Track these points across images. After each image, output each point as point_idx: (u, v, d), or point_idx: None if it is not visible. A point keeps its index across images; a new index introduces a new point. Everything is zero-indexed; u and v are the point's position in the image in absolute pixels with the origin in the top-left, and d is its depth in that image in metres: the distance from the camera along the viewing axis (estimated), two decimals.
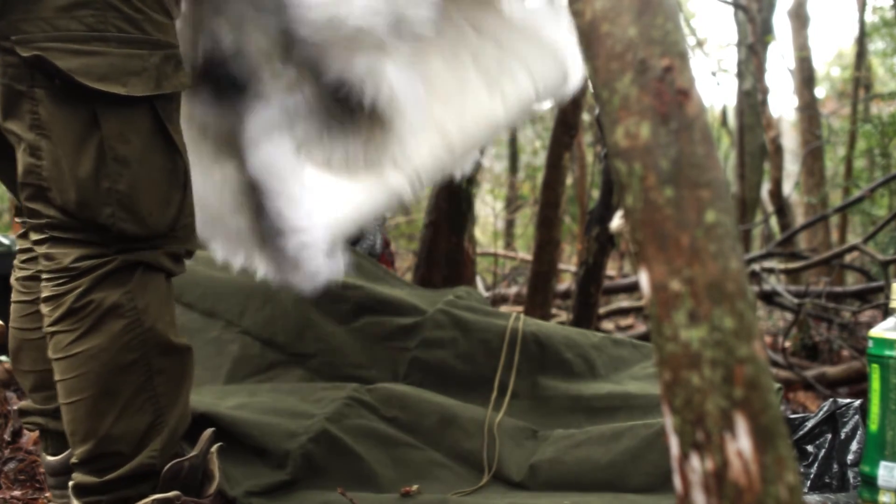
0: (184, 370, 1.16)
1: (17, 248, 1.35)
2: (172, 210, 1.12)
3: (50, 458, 1.30)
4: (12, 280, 1.34)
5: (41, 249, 1.09)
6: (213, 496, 1.17)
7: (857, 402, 1.51)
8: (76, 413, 1.08)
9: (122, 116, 1.06)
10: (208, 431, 1.18)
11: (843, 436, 1.51)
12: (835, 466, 1.48)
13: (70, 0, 1.02)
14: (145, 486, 1.11)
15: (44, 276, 1.10)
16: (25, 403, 1.34)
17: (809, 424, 1.55)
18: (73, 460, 1.11)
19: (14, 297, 1.33)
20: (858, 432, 1.48)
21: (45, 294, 1.09)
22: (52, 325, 1.09)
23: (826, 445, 1.51)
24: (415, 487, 1.46)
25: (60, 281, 1.07)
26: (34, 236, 1.11)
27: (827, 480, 1.47)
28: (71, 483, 1.12)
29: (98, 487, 1.09)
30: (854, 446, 1.48)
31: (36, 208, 1.07)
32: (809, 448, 1.53)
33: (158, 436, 1.10)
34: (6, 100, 1.04)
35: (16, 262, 1.34)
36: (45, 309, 1.10)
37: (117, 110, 1.05)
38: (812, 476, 1.49)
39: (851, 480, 1.44)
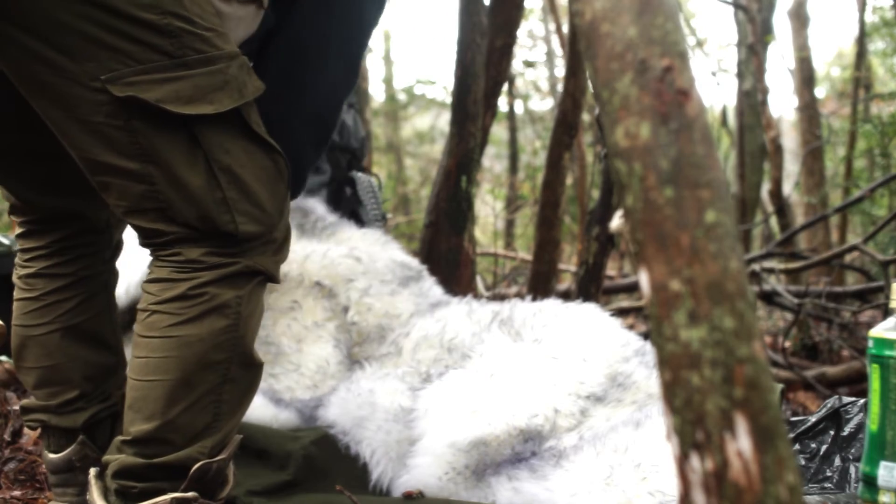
0: (251, 386, 1.20)
1: (18, 247, 1.35)
2: (280, 201, 1.19)
3: (52, 455, 1.31)
4: (14, 278, 1.34)
5: (167, 259, 1.14)
6: (224, 500, 1.18)
7: (862, 401, 1.51)
8: (151, 392, 1.12)
9: (217, 130, 1.11)
10: (237, 437, 1.20)
11: (845, 432, 1.51)
12: (836, 461, 1.48)
13: (148, 32, 1.06)
14: (181, 483, 1.12)
15: (159, 263, 1.14)
16: (28, 401, 1.35)
17: (812, 420, 1.55)
18: (125, 437, 1.13)
19: (17, 294, 1.34)
20: (862, 430, 1.48)
21: (156, 275, 1.14)
22: (156, 303, 1.13)
23: (828, 441, 1.51)
24: (417, 490, 1.46)
25: (182, 268, 1.13)
26: (156, 254, 1.16)
27: (828, 474, 1.47)
28: (112, 460, 1.13)
29: (141, 470, 1.11)
30: (857, 443, 1.48)
31: (159, 228, 1.13)
32: (811, 444, 1.54)
33: (211, 437, 1.14)
34: (101, 137, 1.08)
35: (17, 260, 1.34)
36: (151, 288, 1.14)
37: (212, 126, 1.11)
38: (812, 471, 1.50)
39: (853, 476, 1.44)
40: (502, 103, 6.13)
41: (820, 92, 9.31)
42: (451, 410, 1.52)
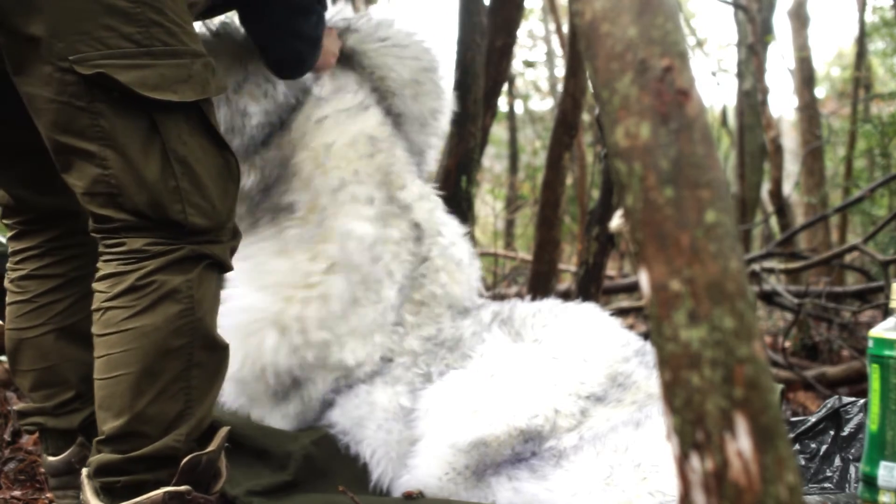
0: (219, 369, 1.20)
1: (10, 250, 1.35)
2: (230, 201, 1.21)
3: (51, 458, 1.31)
4: (6, 283, 1.34)
5: (112, 251, 1.15)
6: (218, 494, 1.18)
7: (862, 401, 1.51)
8: (116, 388, 1.11)
9: (176, 121, 1.14)
10: (224, 429, 1.20)
11: (845, 432, 1.51)
12: (836, 461, 1.48)
13: (118, 20, 1.09)
14: (164, 473, 1.12)
15: (105, 257, 1.15)
16: (24, 405, 1.34)
17: (812, 420, 1.55)
18: (100, 437, 1.13)
19: (9, 298, 1.34)
20: (862, 430, 1.48)
21: (104, 272, 1.14)
22: (108, 300, 1.13)
23: (828, 441, 1.51)
24: (417, 491, 1.46)
25: (127, 260, 1.13)
26: (106, 242, 1.16)
27: (828, 474, 1.47)
28: (91, 461, 1.13)
29: (119, 465, 1.11)
30: (857, 443, 1.48)
31: (107, 214, 1.14)
32: (811, 444, 1.53)
33: (185, 424, 1.13)
34: (65, 116, 1.10)
35: (9, 264, 1.34)
36: (101, 286, 1.14)
37: (172, 116, 1.13)
38: (812, 471, 1.49)
39: (853, 476, 1.44)
40: (502, 103, 6.13)
41: (820, 92, 9.31)
42: (451, 410, 1.52)
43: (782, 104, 18.43)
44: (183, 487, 1.11)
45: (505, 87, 3.87)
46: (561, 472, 1.42)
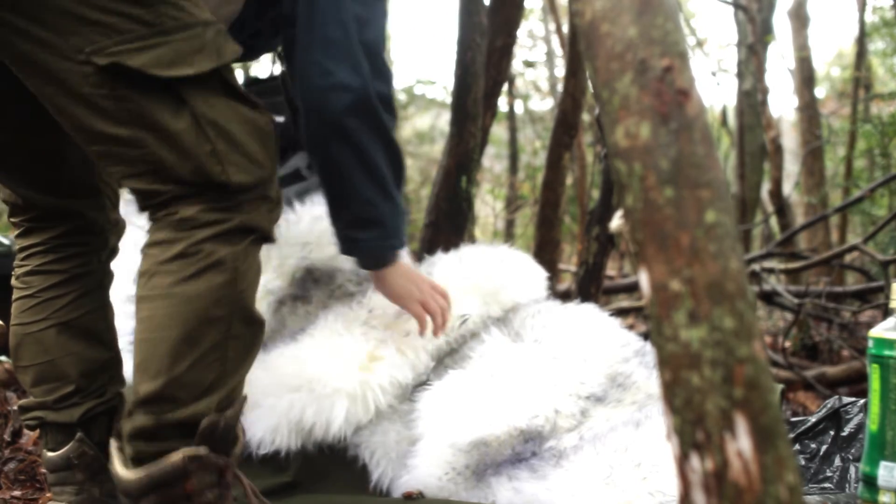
0: (253, 344, 1.21)
1: (17, 247, 1.36)
2: (271, 152, 1.22)
3: (50, 454, 1.31)
4: (13, 280, 1.35)
5: (165, 220, 1.17)
6: (237, 457, 1.19)
7: (862, 401, 1.51)
8: (156, 350, 1.13)
9: (200, 89, 1.15)
10: (245, 394, 1.22)
11: (845, 432, 1.51)
12: (836, 461, 1.48)
13: (126, 3, 1.10)
14: (193, 441, 1.13)
15: (157, 225, 1.17)
16: (26, 400, 1.35)
17: (812, 420, 1.55)
18: (135, 399, 1.14)
19: (14, 295, 1.35)
20: (862, 430, 1.48)
21: (155, 238, 1.16)
22: (157, 264, 1.15)
23: (828, 441, 1.51)
24: (417, 491, 1.46)
25: (179, 227, 1.15)
26: (157, 215, 1.17)
27: (828, 474, 1.47)
28: (124, 426, 1.14)
29: (153, 429, 1.12)
30: (857, 443, 1.48)
31: (154, 189, 1.15)
32: (811, 444, 1.53)
33: (216, 393, 1.15)
34: (91, 108, 1.11)
35: (16, 261, 1.36)
36: (152, 250, 1.16)
37: (194, 86, 1.14)
38: (812, 471, 1.49)
39: (853, 476, 1.44)
40: (502, 103, 6.13)
41: (820, 92, 9.31)
42: (451, 410, 1.52)
43: (782, 104, 18.44)
44: (201, 449, 1.12)
45: (505, 87, 3.87)
46: (561, 471, 1.42)
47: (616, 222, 0.69)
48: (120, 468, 1.13)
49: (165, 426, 1.12)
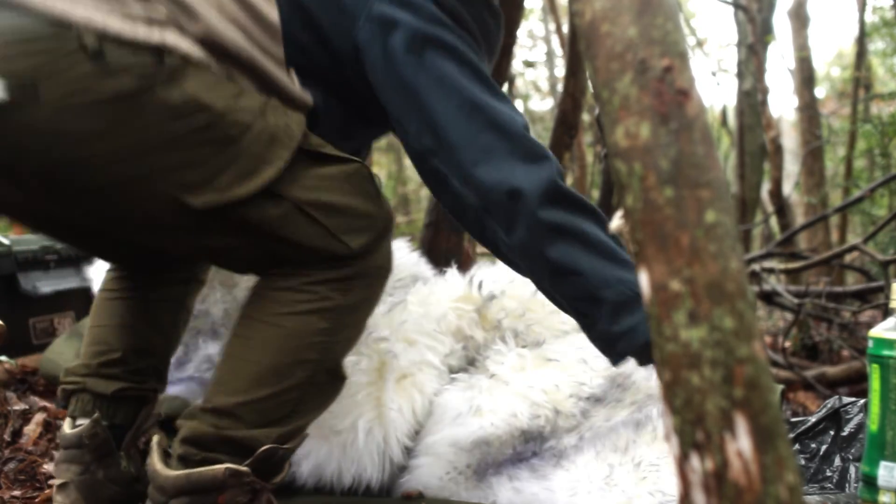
0: (331, 396, 1.25)
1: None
2: (376, 195, 1.24)
3: (67, 430, 1.35)
4: (104, 286, 1.46)
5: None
6: (274, 487, 1.20)
7: (862, 401, 1.51)
8: (242, 369, 1.16)
9: (290, 178, 1.14)
10: (306, 433, 1.24)
11: (845, 432, 1.51)
12: (836, 461, 1.48)
13: (193, 136, 1.08)
14: (238, 460, 1.15)
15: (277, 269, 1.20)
16: (72, 365, 1.42)
17: (812, 420, 1.55)
18: (204, 405, 1.17)
19: (107, 275, 1.47)
20: (863, 430, 1.48)
21: (275, 271, 1.19)
22: (270, 289, 1.18)
23: (828, 441, 1.51)
24: (417, 491, 1.46)
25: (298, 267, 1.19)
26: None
27: (828, 474, 1.47)
28: (183, 426, 1.17)
29: (208, 439, 1.14)
30: (857, 443, 1.48)
31: (274, 272, 1.20)
32: (811, 444, 1.53)
33: (279, 427, 1.17)
34: (200, 231, 1.13)
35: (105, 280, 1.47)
36: (270, 271, 1.20)
37: (284, 178, 1.14)
38: (812, 471, 1.49)
39: (853, 476, 1.44)
40: None
41: (820, 92, 9.31)
42: (452, 410, 1.52)
43: (782, 104, 18.44)
44: (243, 467, 1.13)
45: (505, 87, 3.87)
46: (561, 471, 1.42)
47: (616, 222, 0.69)
48: (159, 464, 1.15)
49: (221, 439, 1.14)
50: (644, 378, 1.59)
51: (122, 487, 1.33)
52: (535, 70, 7.96)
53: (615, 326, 1.23)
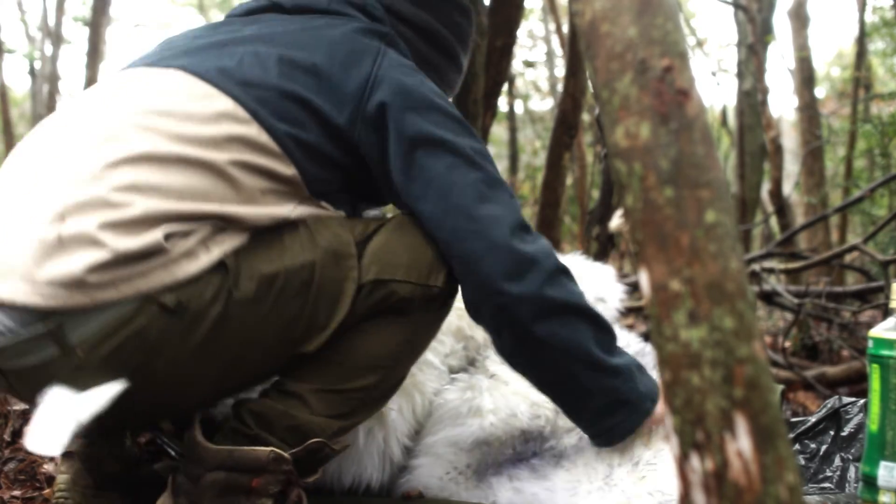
0: (379, 406, 1.35)
1: None
2: (432, 251, 1.29)
3: None
4: None
5: None
6: (306, 486, 1.23)
7: (862, 401, 1.51)
8: (322, 364, 1.26)
9: (368, 271, 1.23)
10: (346, 440, 1.29)
11: (845, 432, 1.51)
12: (836, 461, 1.48)
13: (281, 333, 1.19)
14: (286, 447, 1.19)
15: None
16: None
17: (812, 420, 1.55)
18: (279, 384, 1.25)
19: None
20: (862, 430, 1.48)
21: None
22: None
23: (828, 441, 1.51)
24: (417, 491, 1.46)
25: None
26: None
27: (828, 474, 1.47)
28: (250, 401, 1.23)
29: (270, 416, 1.21)
30: (857, 443, 1.48)
31: None
32: (811, 444, 1.53)
33: (338, 422, 1.24)
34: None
35: None
36: None
37: (365, 277, 1.23)
38: (812, 471, 1.49)
39: (853, 476, 1.44)
40: (502, 103, 6.13)
41: (820, 92, 9.31)
42: (452, 410, 1.52)
43: (782, 104, 18.42)
44: (286, 454, 1.15)
45: (505, 87, 3.87)
46: (561, 471, 1.42)
47: (616, 222, 0.69)
48: (200, 436, 1.18)
49: (283, 418, 1.19)
50: None
51: (123, 465, 1.33)
52: (535, 70, 7.96)
53: (601, 426, 1.35)
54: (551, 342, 1.25)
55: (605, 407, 1.32)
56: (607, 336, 1.31)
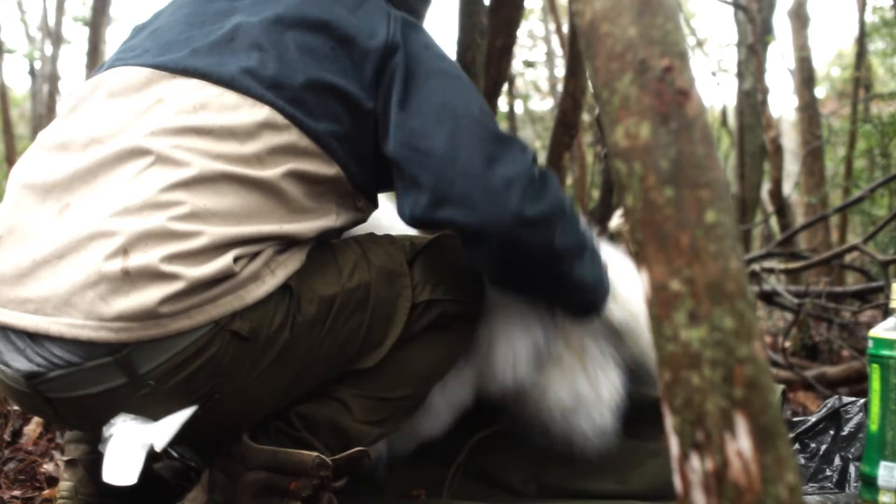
0: (408, 417, 1.36)
1: None
2: (471, 278, 1.36)
3: None
4: None
5: None
6: (336, 490, 1.23)
7: (862, 401, 1.51)
8: (368, 373, 1.29)
9: (422, 290, 1.26)
10: (383, 446, 1.35)
11: (845, 432, 1.51)
12: (836, 461, 1.48)
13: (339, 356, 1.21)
14: (328, 452, 1.20)
15: None
16: None
17: (812, 420, 1.55)
18: (332, 391, 1.26)
19: None
20: (862, 430, 1.48)
21: None
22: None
23: (828, 441, 1.51)
24: (418, 491, 1.46)
25: None
26: None
27: (828, 474, 1.47)
28: (320, 411, 1.24)
29: (318, 419, 1.23)
30: (857, 443, 1.48)
31: None
32: (811, 444, 1.53)
33: (380, 429, 1.27)
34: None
35: None
36: None
37: (419, 295, 1.26)
38: (812, 471, 1.49)
39: (853, 476, 1.44)
40: (502, 103, 6.13)
41: (820, 92, 9.31)
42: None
43: (782, 104, 18.43)
44: (330, 460, 1.15)
45: (505, 87, 3.87)
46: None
47: (616, 222, 0.69)
48: (245, 436, 1.18)
49: (330, 423, 1.21)
50: None
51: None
52: (535, 70, 7.96)
53: (586, 309, 1.35)
54: (556, 277, 1.23)
55: (589, 302, 1.33)
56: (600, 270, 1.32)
